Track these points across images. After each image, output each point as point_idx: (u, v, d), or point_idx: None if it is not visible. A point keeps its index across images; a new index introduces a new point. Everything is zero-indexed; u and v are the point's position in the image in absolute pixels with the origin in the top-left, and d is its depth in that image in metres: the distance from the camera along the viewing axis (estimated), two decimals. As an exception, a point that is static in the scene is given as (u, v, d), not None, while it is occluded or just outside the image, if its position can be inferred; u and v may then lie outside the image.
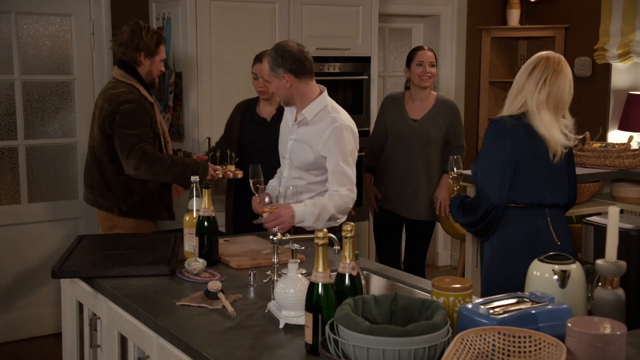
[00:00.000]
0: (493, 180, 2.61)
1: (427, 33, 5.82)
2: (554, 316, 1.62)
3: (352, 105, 4.77)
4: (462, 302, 1.80)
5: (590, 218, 1.98)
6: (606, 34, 5.26)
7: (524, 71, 2.65)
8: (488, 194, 2.61)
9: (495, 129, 2.63)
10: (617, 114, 5.33)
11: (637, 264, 1.80)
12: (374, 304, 1.71)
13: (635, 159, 3.87)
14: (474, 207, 2.67)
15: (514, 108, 2.64)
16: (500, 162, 2.60)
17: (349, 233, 1.79)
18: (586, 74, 5.46)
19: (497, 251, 2.67)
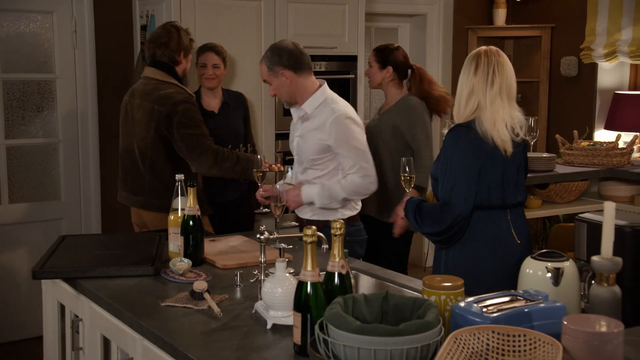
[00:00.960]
0: (459, 190, 2.52)
1: (414, 32, 5.80)
2: (549, 314, 1.59)
3: (338, 105, 4.72)
4: (453, 300, 1.76)
5: (583, 215, 1.95)
6: (592, 34, 5.26)
7: (467, 72, 2.56)
8: (455, 204, 2.51)
9: (455, 137, 2.54)
10: (604, 114, 5.33)
11: (631, 260, 1.77)
12: (365, 303, 1.67)
13: (623, 158, 3.86)
14: (437, 217, 2.55)
15: (468, 112, 2.54)
16: (464, 171, 2.52)
17: (338, 231, 1.76)
18: (572, 73, 5.47)
19: (459, 255, 2.59)
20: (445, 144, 2.59)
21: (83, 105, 4.45)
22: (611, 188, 3.89)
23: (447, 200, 2.53)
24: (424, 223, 2.59)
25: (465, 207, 2.52)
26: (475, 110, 2.53)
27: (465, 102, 2.55)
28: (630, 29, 5.05)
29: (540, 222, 4.83)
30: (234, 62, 4.31)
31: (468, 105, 2.54)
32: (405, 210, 2.68)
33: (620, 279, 1.65)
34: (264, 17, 4.37)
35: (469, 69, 2.57)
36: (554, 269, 1.76)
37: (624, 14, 5.08)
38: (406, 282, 2.38)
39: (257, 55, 4.35)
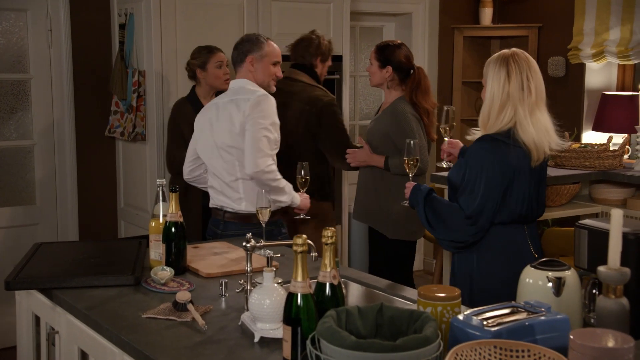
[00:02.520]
0: (486, 207, 2.41)
1: (399, 32, 5.75)
2: (552, 327, 1.54)
3: (323, 106, 4.66)
4: (450, 312, 1.71)
5: (583, 221, 1.90)
6: (580, 34, 5.25)
7: (498, 78, 2.41)
8: (479, 220, 2.42)
9: (485, 151, 2.41)
10: (592, 114, 5.32)
11: (635, 270, 1.72)
12: (359, 315, 1.60)
13: (615, 160, 3.83)
14: (453, 224, 2.46)
15: (504, 123, 2.40)
16: (493, 188, 2.40)
17: (329, 239, 1.70)
18: (560, 74, 5.45)
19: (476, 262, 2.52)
20: (473, 154, 2.45)
21: (59, 106, 4.35)
22: (603, 191, 3.86)
23: (470, 214, 2.42)
24: (436, 224, 2.50)
25: (487, 223, 2.43)
26: (510, 121, 2.40)
27: (497, 112, 2.40)
28: (618, 29, 5.03)
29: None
30: (216, 61, 4.23)
31: (502, 116, 2.40)
32: (412, 196, 2.60)
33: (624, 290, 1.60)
34: (246, 16, 4.30)
35: (501, 73, 2.41)
36: (555, 278, 1.71)
37: (612, 13, 5.06)
38: (398, 291, 2.33)
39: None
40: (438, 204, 2.53)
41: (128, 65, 4.15)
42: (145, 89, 4.10)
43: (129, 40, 4.16)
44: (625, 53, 4.96)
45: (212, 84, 3.75)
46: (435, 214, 2.51)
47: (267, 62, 3.08)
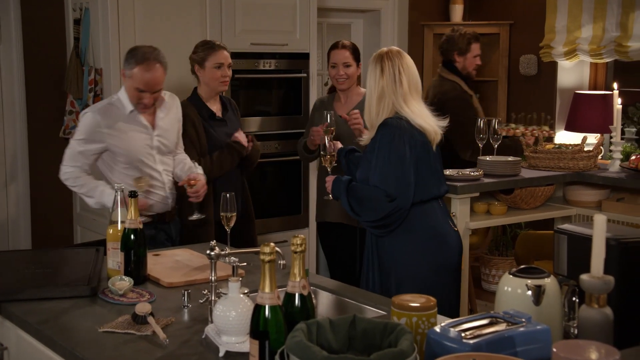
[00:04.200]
0: (399, 182, 2.71)
1: (367, 29, 5.73)
2: (533, 338, 1.51)
3: (289, 105, 4.62)
4: (426, 322, 1.67)
5: (563, 226, 1.88)
6: (552, 31, 5.28)
7: (374, 75, 2.77)
8: (394, 195, 2.71)
9: (391, 131, 2.71)
10: (564, 114, 5.36)
11: (617, 277, 1.70)
12: (330, 328, 1.55)
13: (589, 161, 3.85)
14: (374, 205, 2.74)
15: (382, 115, 2.75)
16: (403, 163, 2.71)
17: (299, 247, 1.65)
18: (532, 72, 5.48)
19: (403, 247, 2.80)
20: (381, 137, 2.72)
21: (9, 106, 4.23)
22: (577, 193, 3.87)
23: (384, 191, 2.71)
24: (359, 208, 2.77)
25: (406, 199, 2.73)
26: (390, 111, 2.75)
27: (376, 106, 2.75)
28: (590, 26, 5.08)
29: (500, 228, 4.81)
30: (177, 60, 4.15)
31: (381, 108, 2.75)
32: (335, 189, 2.85)
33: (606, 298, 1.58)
34: (209, 12, 4.23)
35: (375, 71, 2.76)
36: (534, 286, 1.69)
37: (584, 11, 5.10)
38: (369, 300, 2.29)
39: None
40: (359, 189, 2.79)
41: (84, 63, 4.06)
42: (102, 88, 4.01)
43: (85, 36, 4.06)
44: (597, 51, 5.01)
45: (209, 84, 3.54)
46: (357, 200, 2.77)
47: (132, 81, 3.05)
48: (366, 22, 5.75)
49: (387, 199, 2.71)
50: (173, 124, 3.25)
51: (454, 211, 3.50)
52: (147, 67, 3.00)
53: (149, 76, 3.00)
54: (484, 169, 3.66)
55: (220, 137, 3.55)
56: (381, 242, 2.84)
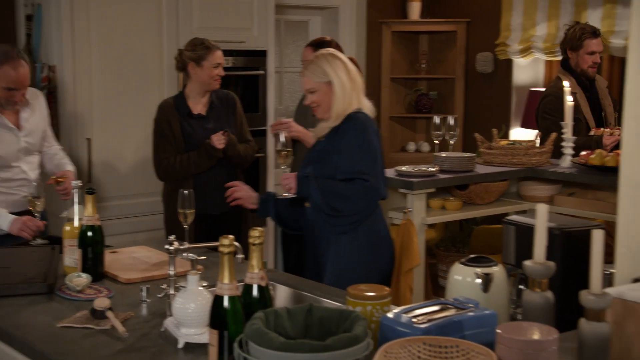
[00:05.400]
0: (377, 174, 2.74)
1: (325, 26, 5.82)
2: (480, 323, 1.61)
3: (247, 103, 4.68)
4: (380, 310, 1.76)
5: (510, 217, 1.99)
6: (507, 29, 5.45)
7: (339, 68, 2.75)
8: (374, 187, 2.73)
9: (364, 123, 2.75)
10: (520, 111, 5.53)
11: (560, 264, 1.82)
12: (287, 317, 1.64)
13: (542, 157, 4.00)
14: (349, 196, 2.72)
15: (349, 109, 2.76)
16: (377, 155, 2.76)
17: (257, 239, 1.72)
18: (488, 69, 5.64)
19: (363, 246, 2.80)
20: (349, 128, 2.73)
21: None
22: (531, 188, 4.02)
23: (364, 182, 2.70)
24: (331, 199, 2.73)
25: (384, 191, 2.79)
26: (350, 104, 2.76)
27: (348, 102, 2.75)
28: (545, 24, 5.25)
29: (457, 224, 4.95)
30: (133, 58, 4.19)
31: (349, 103, 2.75)
32: (301, 186, 2.77)
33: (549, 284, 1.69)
34: (165, 8, 4.27)
35: (338, 68, 2.75)
36: (483, 274, 1.79)
37: (538, 9, 5.28)
38: (327, 292, 2.37)
39: (158, 51, 4.26)
40: (334, 184, 2.74)
41: (36, 60, 4.06)
42: (56, 85, 4.02)
43: (37, 32, 4.07)
44: (551, 49, 5.18)
45: (204, 82, 3.62)
46: (336, 195, 2.73)
47: None
48: (324, 20, 5.84)
49: (365, 188, 2.71)
50: (39, 123, 3.32)
51: (410, 207, 3.61)
52: (14, 64, 3.05)
53: (17, 73, 3.06)
54: (439, 165, 3.78)
55: (199, 134, 3.61)
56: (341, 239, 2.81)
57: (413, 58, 6.10)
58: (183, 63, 3.63)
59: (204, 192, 3.46)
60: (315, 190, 2.73)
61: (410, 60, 6.10)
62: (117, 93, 4.16)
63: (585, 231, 1.74)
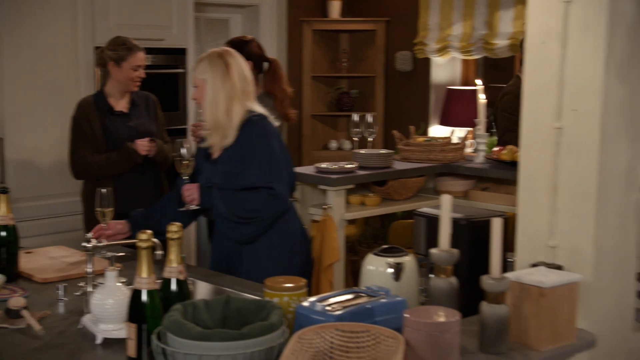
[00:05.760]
0: (282, 180, 2.71)
1: (246, 24, 5.87)
2: (391, 309, 1.71)
3: (167, 102, 4.68)
4: (296, 301, 1.84)
5: (421, 210, 2.11)
6: (425, 29, 5.63)
7: (218, 72, 2.69)
8: (280, 195, 2.70)
9: (263, 128, 2.72)
10: (438, 109, 5.72)
11: (467, 252, 1.95)
12: (205, 308, 1.70)
13: (457, 153, 4.17)
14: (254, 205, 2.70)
15: (238, 117, 2.70)
16: (280, 161, 2.72)
17: (175, 234, 1.77)
18: (407, 68, 5.81)
19: (278, 246, 2.80)
20: (248, 135, 2.69)
21: None
22: (446, 183, 4.18)
23: (267, 192, 2.68)
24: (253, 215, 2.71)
25: (287, 198, 2.77)
26: (243, 111, 2.70)
27: (225, 104, 2.67)
28: (460, 24, 5.46)
29: (379, 221, 5.09)
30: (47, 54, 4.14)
31: (232, 110, 2.68)
32: (206, 201, 2.71)
33: (457, 271, 1.81)
34: (80, 3, 4.24)
35: (218, 72, 2.68)
36: (394, 264, 1.89)
37: (454, 9, 5.48)
38: (245, 287, 2.43)
39: (73, 47, 4.22)
40: (237, 194, 2.71)
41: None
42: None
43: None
44: (467, 48, 5.39)
45: (122, 83, 3.60)
46: (241, 205, 2.70)
47: None
48: (245, 18, 5.88)
49: (271, 196, 2.70)
50: None
51: (330, 203, 3.71)
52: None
53: None
54: (358, 162, 3.89)
55: (121, 132, 3.60)
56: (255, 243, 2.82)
57: (334, 56, 6.22)
58: (103, 61, 3.63)
59: (127, 193, 3.47)
60: (219, 201, 2.70)
61: (331, 58, 6.21)
62: (30, 91, 4.11)
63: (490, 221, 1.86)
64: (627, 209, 1.83)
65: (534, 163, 1.85)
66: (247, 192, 2.70)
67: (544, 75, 1.80)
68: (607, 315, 1.82)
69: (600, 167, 1.73)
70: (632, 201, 1.84)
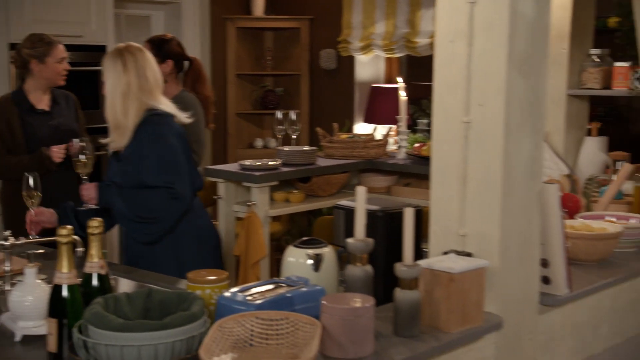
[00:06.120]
0: (183, 179, 2.75)
1: (169, 21, 5.88)
2: (309, 298, 1.79)
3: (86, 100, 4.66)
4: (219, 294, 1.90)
5: (341, 202, 2.21)
6: (348, 27, 5.76)
7: (115, 70, 2.73)
8: (180, 194, 2.73)
9: (161, 127, 2.74)
10: (363, 106, 5.86)
11: (383, 243, 2.06)
12: (127, 301, 1.74)
13: (380, 149, 4.31)
14: (153, 204, 2.73)
15: (134, 114, 2.73)
16: (180, 159, 2.75)
17: (95, 229, 1.81)
18: (331, 66, 5.93)
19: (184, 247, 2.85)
20: (147, 134, 2.72)
21: None
22: (370, 179, 4.31)
23: (168, 191, 2.71)
24: (151, 215, 2.74)
25: (190, 198, 2.79)
26: (139, 109, 2.73)
27: (121, 102, 2.71)
28: (383, 23, 5.61)
29: (305, 217, 5.19)
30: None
31: (128, 106, 2.71)
32: (106, 200, 2.75)
33: (374, 261, 1.91)
34: (-6, -1, 4.19)
35: (116, 68, 2.72)
36: (314, 255, 1.98)
37: (377, 8, 5.63)
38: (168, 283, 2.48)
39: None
40: (136, 192, 2.74)
41: None
42: None
43: None
44: (389, 46, 5.55)
45: (49, 79, 3.59)
46: (140, 204, 2.73)
47: None
48: (167, 14, 5.89)
49: (170, 199, 2.73)
50: None
51: (254, 200, 3.79)
52: None
53: None
54: (282, 159, 3.98)
55: (43, 130, 3.59)
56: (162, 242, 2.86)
57: (258, 54, 6.29)
58: (23, 61, 3.59)
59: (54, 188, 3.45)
60: (118, 200, 2.73)
61: (255, 56, 6.28)
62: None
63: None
64: (530, 198, 1.97)
65: (445, 156, 1.97)
66: (146, 191, 2.74)
67: (453, 72, 1.92)
68: (513, 299, 1.95)
69: (504, 158, 1.86)
70: (535, 190, 1.98)
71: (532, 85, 1.92)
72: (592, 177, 3.04)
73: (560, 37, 3.31)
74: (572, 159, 3.41)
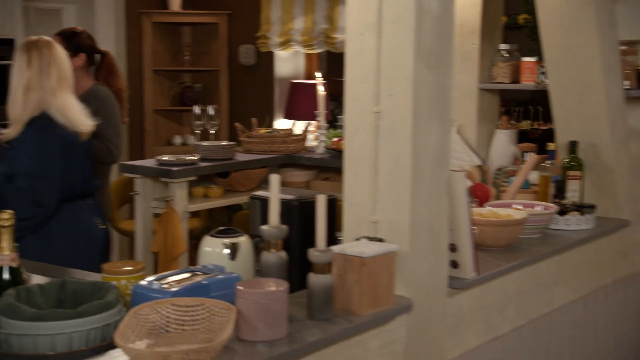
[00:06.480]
0: (51, 181, 2.79)
1: (81, 15, 5.82)
2: (225, 285, 1.85)
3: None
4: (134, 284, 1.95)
5: (257, 193, 2.27)
6: (267, 22, 5.83)
7: (19, 65, 2.78)
8: (43, 202, 2.78)
9: (38, 129, 2.76)
10: (283, 102, 5.94)
11: (298, 231, 2.13)
12: (40, 292, 1.76)
13: (299, 144, 4.39)
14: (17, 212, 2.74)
15: (32, 107, 2.76)
16: (50, 162, 2.77)
17: (6, 222, 1.83)
18: (251, 62, 5.99)
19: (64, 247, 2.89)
20: (25, 137, 2.75)
21: None
22: (289, 174, 4.40)
23: (36, 198, 2.76)
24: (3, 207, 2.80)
25: (55, 202, 2.81)
26: (39, 104, 2.76)
27: (22, 97, 2.74)
28: (302, 18, 5.70)
29: (225, 213, 5.23)
30: None
31: (28, 101, 2.75)
32: None
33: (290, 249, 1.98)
34: None
35: (22, 61, 2.76)
36: (230, 244, 2.04)
37: (295, 3, 5.72)
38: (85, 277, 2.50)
39: None
40: (3, 185, 2.78)
41: None
42: None
43: None
44: (309, 42, 5.65)
45: None
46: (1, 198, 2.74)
47: None
48: (79, 8, 5.83)
49: (31, 202, 2.77)
50: None
51: (172, 195, 3.81)
52: None
53: None
54: (200, 154, 4.02)
55: None
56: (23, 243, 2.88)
57: (176, 50, 6.28)
58: None
59: None
60: None
61: (173, 52, 6.27)
62: None
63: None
64: (438, 185, 2.08)
65: (357, 145, 2.06)
66: (11, 188, 2.76)
67: (363, 63, 2.01)
68: (423, 282, 2.06)
69: (413, 147, 1.97)
70: (443, 178, 2.09)
71: (439, 77, 2.03)
72: (501, 168, 3.20)
73: (471, 33, 3.47)
74: (484, 151, 3.58)
